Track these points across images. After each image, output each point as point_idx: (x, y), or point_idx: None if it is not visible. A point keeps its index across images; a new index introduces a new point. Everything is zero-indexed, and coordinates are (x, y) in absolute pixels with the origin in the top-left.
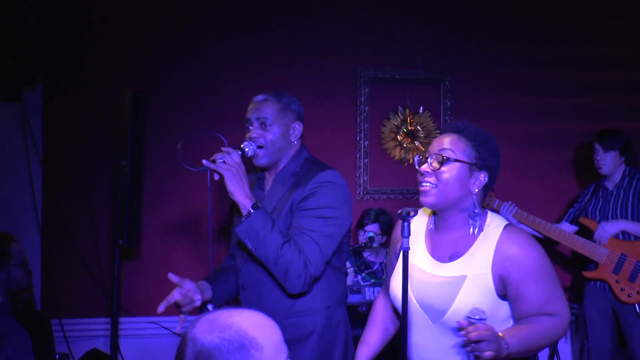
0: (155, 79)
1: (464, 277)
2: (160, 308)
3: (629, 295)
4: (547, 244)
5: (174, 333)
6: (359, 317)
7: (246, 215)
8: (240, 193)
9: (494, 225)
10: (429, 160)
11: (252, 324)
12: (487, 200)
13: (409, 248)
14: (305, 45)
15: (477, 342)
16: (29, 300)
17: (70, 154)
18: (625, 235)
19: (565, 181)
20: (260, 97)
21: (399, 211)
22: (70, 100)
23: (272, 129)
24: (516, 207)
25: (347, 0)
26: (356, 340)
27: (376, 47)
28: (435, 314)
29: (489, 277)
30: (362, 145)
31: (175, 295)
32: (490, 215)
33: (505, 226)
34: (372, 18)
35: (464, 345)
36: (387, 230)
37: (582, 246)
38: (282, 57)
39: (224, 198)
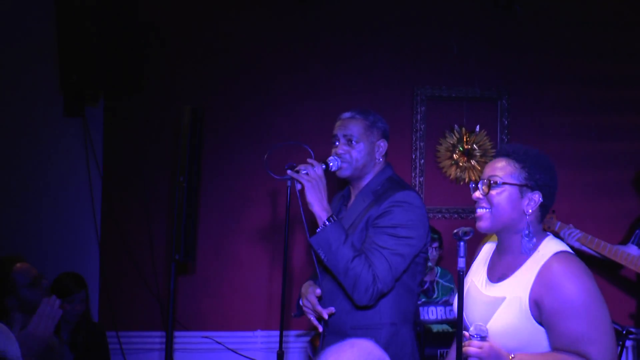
0: (212, 96)
1: (503, 298)
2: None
3: None
4: (613, 268)
5: (227, 348)
6: None
7: (321, 226)
8: (317, 205)
9: (547, 250)
10: (479, 185)
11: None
12: (547, 223)
13: (464, 268)
14: (362, 62)
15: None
16: (86, 313)
17: (130, 169)
18: None
19: (627, 202)
20: (347, 115)
21: (455, 231)
22: (130, 116)
23: (357, 146)
24: (577, 230)
25: (404, 19)
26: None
27: (433, 65)
28: None
29: (525, 301)
30: (418, 164)
31: (318, 291)
32: (547, 240)
33: (557, 253)
34: (429, 36)
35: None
36: (440, 246)
37: None
38: (339, 74)
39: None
